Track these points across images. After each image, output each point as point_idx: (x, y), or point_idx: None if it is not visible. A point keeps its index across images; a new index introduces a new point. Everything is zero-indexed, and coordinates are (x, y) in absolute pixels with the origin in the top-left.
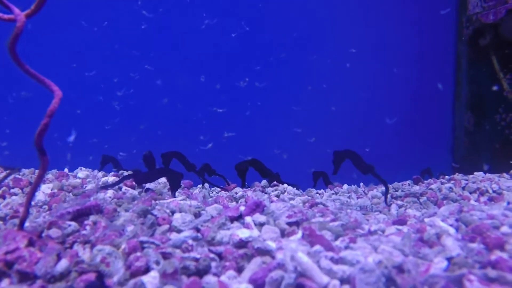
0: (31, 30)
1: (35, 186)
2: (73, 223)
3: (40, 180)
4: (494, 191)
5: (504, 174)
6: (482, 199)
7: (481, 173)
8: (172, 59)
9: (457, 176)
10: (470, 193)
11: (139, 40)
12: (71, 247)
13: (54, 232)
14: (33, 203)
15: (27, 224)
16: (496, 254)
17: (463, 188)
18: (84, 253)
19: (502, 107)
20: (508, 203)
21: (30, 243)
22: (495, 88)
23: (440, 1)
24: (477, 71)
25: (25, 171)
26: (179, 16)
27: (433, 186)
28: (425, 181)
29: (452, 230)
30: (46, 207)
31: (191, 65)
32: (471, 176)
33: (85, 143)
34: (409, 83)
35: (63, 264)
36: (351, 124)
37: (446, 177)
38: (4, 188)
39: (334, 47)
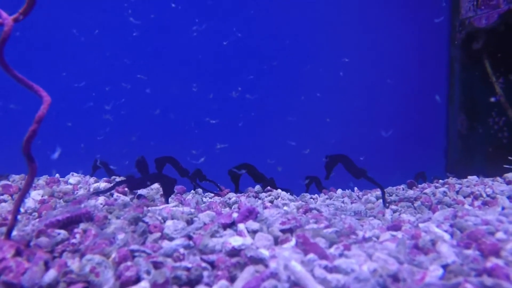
0: (19, 37)
1: (23, 193)
2: (62, 231)
3: (28, 187)
4: (488, 195)
5: (498, 178)
6: (476, 203)
7: (474, 177)
8: (164, 68)
9: (451, 180)
10: (464, 197)
11: (130, 48)
12: (60, 256)
13: (43, 240)
14: (22, 210)
15: (15, 232)
16: (491, 261)
17: (457, 192)
18: (73, 263)
19: (495, 111)
20: (503, 208)
21: (18, 253)
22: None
23: (433, 6)
24: (470, 74)
25: (15, 177)
26: (170, 24)
27: (427, 191)
28: (419, 185)
29: (447, 236)
30: (36, 214)
31: (183, 74)
32: (465, 180)
33: (75, 154)
34: (403, 87)
35: (51, 274)
36: (344, 130)
37: (440, 181)
38: None
39: (327, 55)
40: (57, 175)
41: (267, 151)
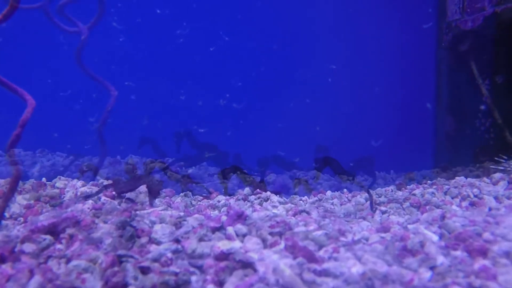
0: (2, 43)
1: (7, 198)
2: (48, 237)
3: (13, 191)
4: (475, 196)
5: (485, 178)
6: (464, 204)
7: (462, 177)
8: (153, 75)
9: (439, 181)
10: (452, 198)
11: (117, 55)
12: (45, 262)
13: (28, 246)
14: (7, 215)
15: None
16: (479, 263)
17: (445, 193)
18: (59, 269)
19: (481, 112)
20: (490, 208)
21: (1, 259)
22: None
23: (420, 10)
24: (457, 76)
25: (1, 181)
26: (157, 30)
27: (416, 192)
28: (408, 186)
29: (435, 238)
30: (21, 219)
31: (171, 81)
32: (452, 181)
33: (62, 164)
34: (391, 89)
35: (36, 281)
36: (334, 132)
37: (429, 182)
38: None
39: (316, 61)
40: (44, 179)
41: (256, 159)
